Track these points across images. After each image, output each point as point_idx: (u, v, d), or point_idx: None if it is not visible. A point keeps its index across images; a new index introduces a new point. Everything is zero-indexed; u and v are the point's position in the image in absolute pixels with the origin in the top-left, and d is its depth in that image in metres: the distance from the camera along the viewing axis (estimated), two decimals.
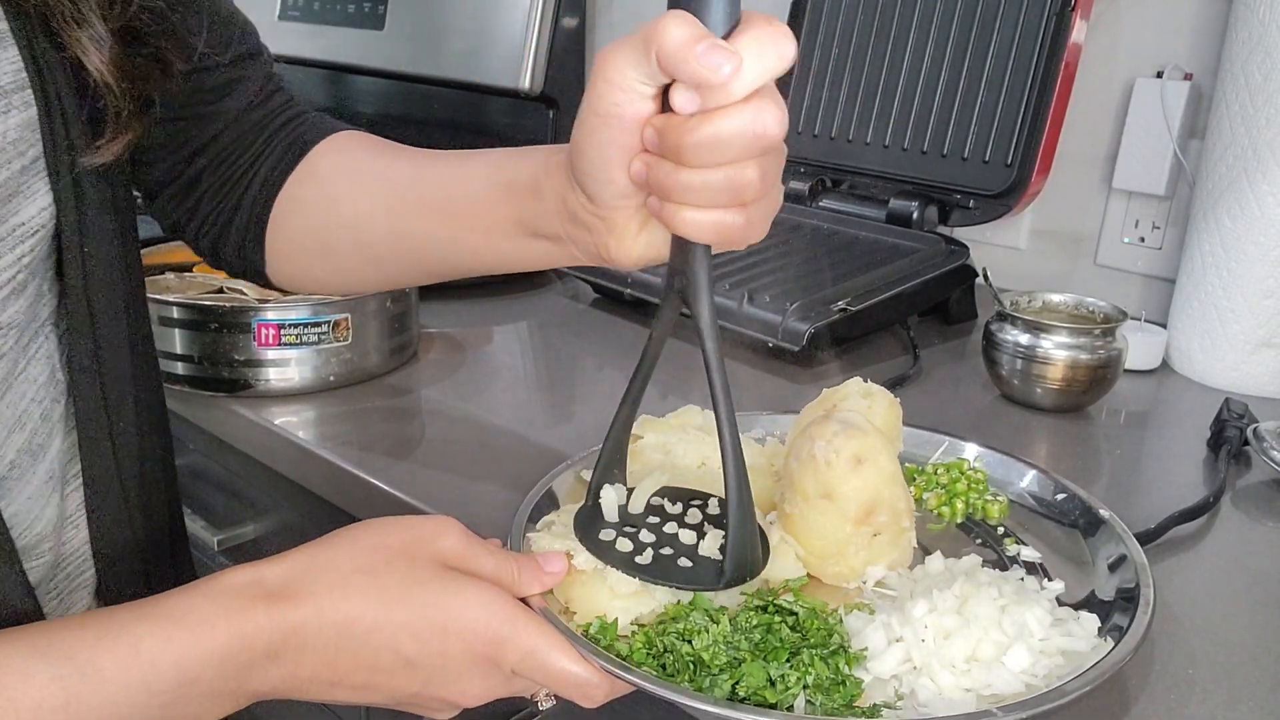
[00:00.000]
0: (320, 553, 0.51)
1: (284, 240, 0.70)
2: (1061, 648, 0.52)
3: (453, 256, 0.65)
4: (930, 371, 0.99)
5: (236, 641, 0.47)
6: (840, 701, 0.48)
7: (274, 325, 0.85)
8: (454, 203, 0.63)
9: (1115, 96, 1.15)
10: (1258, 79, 0.91)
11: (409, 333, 0.96)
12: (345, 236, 0.68)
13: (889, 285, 1.02)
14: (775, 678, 0.48)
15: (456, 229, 0.63)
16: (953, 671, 0.50)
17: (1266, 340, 0.94)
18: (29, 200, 0.54)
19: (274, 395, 0.87)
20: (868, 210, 1.18)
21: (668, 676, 0.49)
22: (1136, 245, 1.16)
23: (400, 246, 0.66)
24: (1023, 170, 1.07)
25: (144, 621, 0.46)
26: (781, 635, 0.51)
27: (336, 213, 0.68)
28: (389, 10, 1.65)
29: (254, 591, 0.48)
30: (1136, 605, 0.54)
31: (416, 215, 0.64)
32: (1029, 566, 0.61)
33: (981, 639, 0.51)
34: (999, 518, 0.66)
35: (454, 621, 0.49)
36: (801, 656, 0.49)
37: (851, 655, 0.50)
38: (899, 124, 1.17)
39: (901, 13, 1.17)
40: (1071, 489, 0.67)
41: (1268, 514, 0.75)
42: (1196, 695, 0.54)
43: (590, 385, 0.99)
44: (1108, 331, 0.87)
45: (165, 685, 0.46)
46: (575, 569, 0.54)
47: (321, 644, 0.48)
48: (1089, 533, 0.64)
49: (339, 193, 0.68)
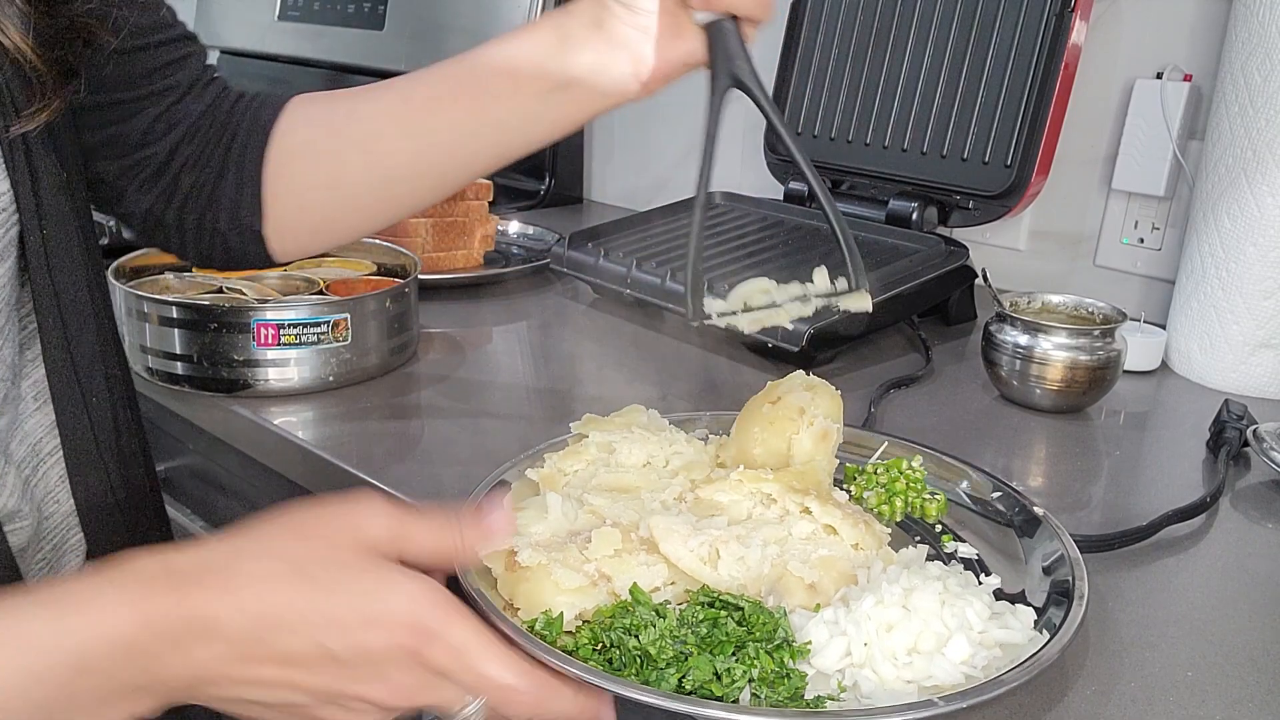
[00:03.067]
0: (240, 540, 0.47)
1: (285, 187, 0.70)
2: (999, 640, 0.53)
3: (473, 144, 0.66)
4: (929, 372, 0.99)
5: (138, 628, 0.43)
6: (785, 694, 0.49)
7: (273, 325, 0.85)
8: (472, 82, 0.65)
9: (1115, 97, 1.15)
10: (1257, 80, 0.91)
11: (409, 333, 0.96)
12: (354, 160, 0.68)
13: (889, 286, 1.02)
14: (721, 671, 0.49)
15: (477, 106, 0.65)
16: (894, 663, 0.51)
17: (1266, 341, 0.94)
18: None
19: (273, 395, 0.87)
20: (867, 211, 1.18)
21: (614, 671, 0.50)
22: (1136, 246, 1.16)
23: (414, 151, 0.67)
24: (1022, 171, 1.07)
25: (39, 607, 0.43)
26: (727, 630, 0.51)
27: (342, 138, 0.68)
28: (388, 10, 1.65)
29: (163, 578, 0.45)
30: (1071, 599, 0.56)
31: (431, 109, 0.66)
32: (966, 563, 0.63)
33: (923, 631, 0.52)
34: (937, 516, 0.68)
35: (381, 612, 0.45)
36: (747, 650, 0.50)
37: (795, 649, 0.51)
38: (899, 125, 1.17)
39: (901, 13, 1.17)
40: (1009, 487, 0.68)
41: (1267, 515, 0.75)
42: (1196, 697, 0.54)
43: (590, 385, 0.99)
44: (1107, 332, 0.88)
45: (58, 675, 0.42)
46: (520, 565, 0.54)
47: (235, 633, 0.44)
48: (1025, 530, 0.65)
49: (339, 123, 0.68)
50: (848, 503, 0.64)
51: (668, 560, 0.56)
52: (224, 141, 0.70)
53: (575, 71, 0.62)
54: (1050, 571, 0.60)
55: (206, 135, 0.70)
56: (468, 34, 1.54)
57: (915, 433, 0.84)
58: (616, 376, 0.99)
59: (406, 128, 0.67)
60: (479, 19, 1.52)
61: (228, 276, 0.97)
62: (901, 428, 0.85)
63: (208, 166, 0.70)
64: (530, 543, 0.56)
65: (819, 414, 0.67)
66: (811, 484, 0.63)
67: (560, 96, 0.64)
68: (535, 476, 0.66)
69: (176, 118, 0.69)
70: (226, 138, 0.70)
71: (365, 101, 0.68)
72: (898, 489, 0.68)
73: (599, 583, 0.54)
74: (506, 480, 0.67)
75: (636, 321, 1.11)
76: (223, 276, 0.98)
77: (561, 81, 0.63)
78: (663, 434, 0.69)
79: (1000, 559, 0.64)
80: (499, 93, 0.64)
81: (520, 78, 0.64)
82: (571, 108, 0.64)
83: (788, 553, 0.58)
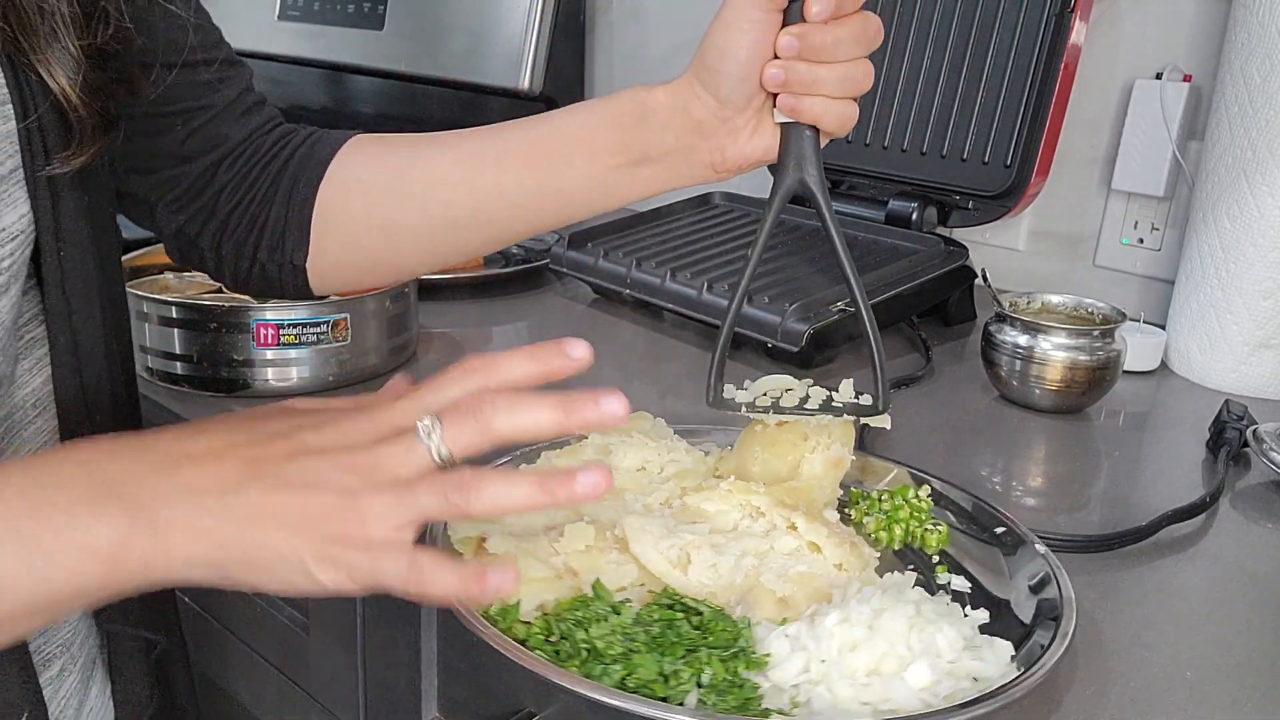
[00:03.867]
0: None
1: (337, 225, 0.69)
2: (971, 671, 0.51)
3: (532, 204, 0.66)
4: (929, 372, 0.99)
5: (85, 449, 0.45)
6: (733, 703, 0.48)
7: (273, 325, 0.85)
8: (547, 145, 0.65)
9: (1114, 98, 1.15)
10: (1257, 80, 0.91)
11: (408, 333, 0.96)
12: (409, 204, 0.67)
13: (888, 286, 1.02)
14: (668, 672, 0.48)
15: (542, 171, 0.65)
16: (852, 684, 0.49)
17: (1265, 341, 0.94)
18: (9, 207, 0.55)
19: (273, 395, 0.87)
20: (867, 211, 1.18)
21: (560, 662, 0.49)
22: (1135, 246, 1.16)
23: (473, 203, 0.66)
24: (1022, 171, 1.07)
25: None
26: (681, 631, 0.51)
27: (401, 179, 0.67)
28: (388, 10, 1.65)
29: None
30: (1055, 634, 0.53)
31: (501, 166, 0.66)
32: (956, 595, 0.60)
33: (887, 653, 0.50)
34: (937, 546, 0.65)
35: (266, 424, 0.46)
36: (699, 654, 0.49)
37: (752, 660, 0.50)
38: (898, 125, 1.17)
39: (901, 14, 1.17)
40: (1010, 522, 0.65)
41: (1267, 516, 0.75)
42: (1194, 697, 0.54)
43: (589, 385, 0.98)
44: (1107, 333, 0.88)
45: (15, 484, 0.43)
46: (487, 552, 0.54)
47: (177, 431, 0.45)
48: (1012, 552, 0.63)
49: (399, 160, 0.68)
50: (836, 523, 0.63)
51: (638, 561, 0.55)
52: (272, 170, 0.69)
53: (652, 151, 0.63)
54: (1037, 591, 0.59)
55: (251, 161, 0.69)
56: (468, 34, 1.54)
57: (915, 433, 0.84)
58: (616, 377, 0.99)
59: (473, 181, 0.66)
60: (479, 20, 1.53)
61: None
62: (900, 428, 0.85)
63: (252, 193, 0.69)
64: (502, 531, 0.56)
65: (835, 440, 0.66)
66: (803, 500, 0.62)
67: (633, 172, 0.64)
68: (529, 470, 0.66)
69: (214, 139, 0.68)
70: (275, 166, 0.69)
71: (432, 149, 0.68)
72: (899, 516, 0.66)
73: (564, 576, 0.54)
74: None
75: (636, 322, 1.11)
76: None
77: (637, 158, 0.63)
78: (662, 441, 0.69)
79: (993, 593, 0.61)
80: (572, 160, 0.64)
81: (596, 149, 0.63)
82: (642, 185, 0.64)
83: (765, 565, 0.57)
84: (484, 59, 1.51)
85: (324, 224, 0.69)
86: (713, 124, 0.61)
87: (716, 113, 0.61)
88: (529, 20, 1.46)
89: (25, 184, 0.56)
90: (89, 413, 0.63)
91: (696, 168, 0.63)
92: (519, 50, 1.46)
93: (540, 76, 1.47)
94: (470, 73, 1.53)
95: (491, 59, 1.50)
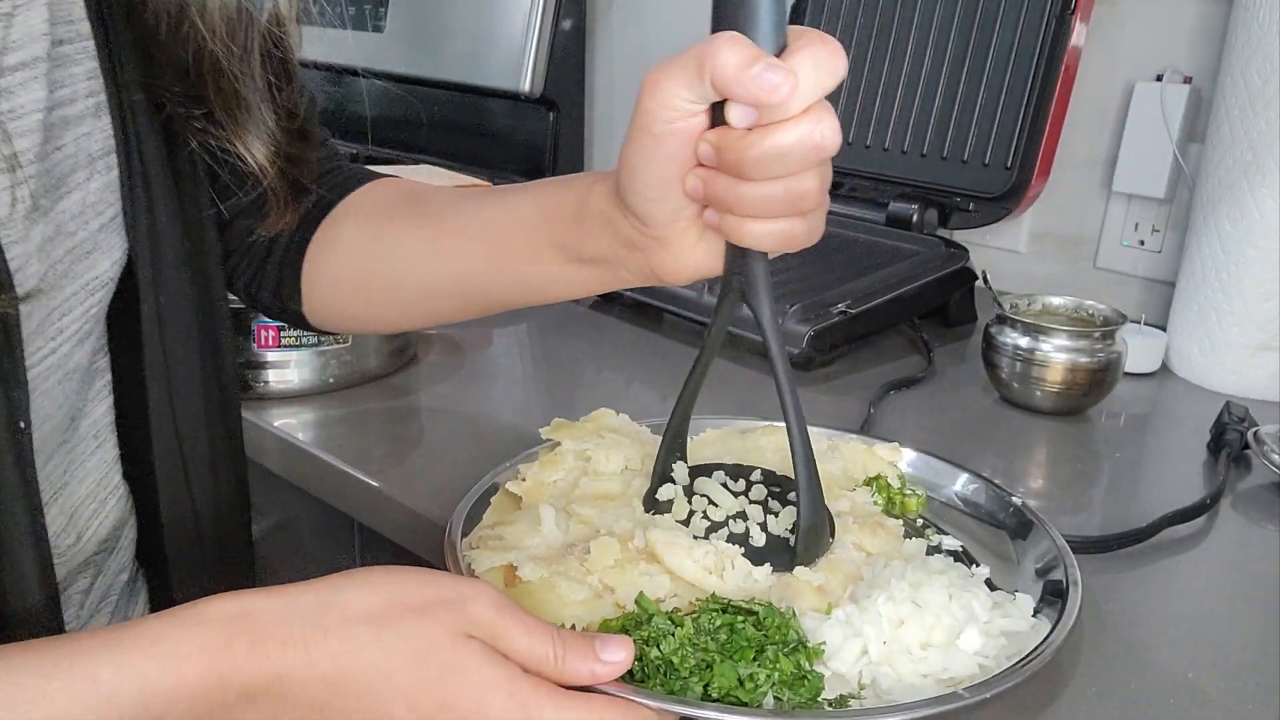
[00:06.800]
0: (326, 593, 0.45)
1: (322, 279, 0.69)
2: (1003, 628, 0.53)
3: (495, 287, 0.64)
4: (930, 374, 0.98)
5: (210, 679, 0.42)
6: (805, 696, 0.48)
7: (273, 327, 0.85)
8: (495, 230, 0.62)
9: (1115, 100, 1.15)
10: (1257, 82, 0.91)
11: (408, 335, 0.96)
12: (383, 271, 0.66)
13: (889, 288, 1.02)
14: (744, 677, 0.48)
15: (499, 258, 0.62)
16: (910, 658, 0.51)
17: (1266, 343, 0.94)
18: (105, 255, 0.56)
19: (273, 397, 0.87)
20: (868, 213, 1.18)
21: (638, 683, 0.48)
22: (1136, 248, 1.16)
23: (441, 279, 0.65)
24: (1022, 173, 1.07)
25: (107, 649, 0.41)
26: (746, 635, 0.50)
27: (376, 247, 0.67)
28: (389, 13, 1.65)
29: (239, 626, 0.43)
30: (1067, 588, 0.56)
31: (457, 245, 0.63)
32: (954, 554, 0.63)
33: (935, 625, 0.52)
34: (917, 511, 0.68)
35: (458, 700, 0.43)
36: (767, 654, 0.49)
37: (811, 650, 0.50)
38: (899, 127, 1.17)
39: (901, 15, 1.17)
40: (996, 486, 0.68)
41: (1268, 517, 0.75)
42: (1196, 698, 0.54)
43: (590, 388, 0.99)
44: (1107, 334, 0.87)
45: (120, 714, 0.40)
46: (521, 580, 0.53)
47: (307, 698, 0.43)
48: (1010, 525, 0.66)
49: (378, 229, 0.67)
50: (863, 504, 0.65)
51: (669, 571, 0.55)
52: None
53: (585, 255, 0.58)
54: (1039, 561, 0.61)
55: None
56: (468, 37, 1.54)
57: (915, 435, 0.84)
58: (616, 379, 0.99)
59: (436, 251, 0.65)
60: (480, 22, 1.53)
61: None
62: (901, 430, 0.85)
63: (260, 242, 0.69)
64: (528, 556, 0.55)
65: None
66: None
67: (578, 270, 0.59)
68: (517, 490, 0.65)
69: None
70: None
71: (409, 219, 0.66)
72: (882, 484, 0.68)
73: (603, 595, 0.54)
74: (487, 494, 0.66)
75: (637, 324, 1.11)
76: None
77: (576, 259, 0.58)
78: (635, 437, 0.69)
79: (982, 550, 0.64)
80: (519, 251, 0.61)
81: (537, 245, 0.59)
82: (594, 283, 0.60)
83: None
84: (485, 61, 1.51)
85: (310, 275, 0.69)
86: (641, 240, 0.53)
87: (642, 231, 0.53)
88: (529, 23, 1.46)
89: (125, 231, 0.57)
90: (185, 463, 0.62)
91: (640, 276, 0.56)
92: (520, 53, 1.46)
93: (541, 79, 1.47)
94: (471, 75, 1.53)
95: (492, 61, 1.50)
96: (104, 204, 0.55)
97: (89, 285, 0.55)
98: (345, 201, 0.69)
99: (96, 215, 0.55)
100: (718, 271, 0.54)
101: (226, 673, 0.42)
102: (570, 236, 0.58)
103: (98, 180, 0.54)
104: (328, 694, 0.43)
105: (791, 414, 0.54)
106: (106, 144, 0.55)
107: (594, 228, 0.56)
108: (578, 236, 0.57)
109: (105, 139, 0.55)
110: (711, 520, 0.59)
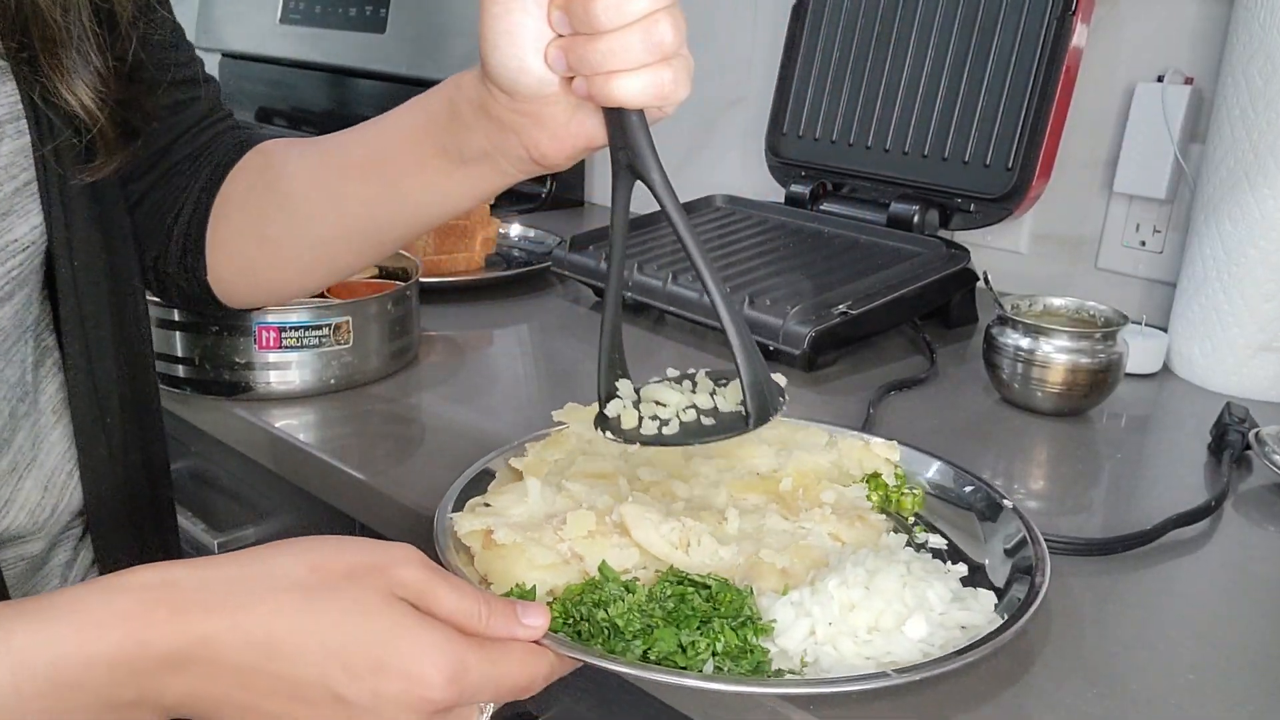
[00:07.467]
0: (253, 563, 0.45)
1: (223, 241, 0.70)
2: (960, 621, 0.54)
3: (386, 216, 0.64)
4: (932, 375, 0.98)
5: (129, 645, 0.41)
6: (747, 668, 0.50)
7: (274, 328, 0.85)
8: (379, 153, 0.63)
9: (1116, 100, 1.15)
10: (1258, 83, 0.91)
11: (410, 336, 0.96)
12: (280, 221, 0.67)
13: (890, 289, 1.02)
14: (685, 644, 0.51)
15: (387, 179, 0.63)
16: (854, 641, 0.52)
17: (1267, 344, 0.94)
18: (21, 219, 0.57)
19: (274, 398, 0.87)
20: (869, 214, 1.18)
21: (583, 642, 0.51)
22: (1137, 249, 1.16)
23: (337, 217, 0.66)
24: (1023, 174, 1.07)
25: (23, 617, 0.41)
26: (694, 605, 0.53)
27: (269, 198, 0.68)
28: (390, 13, 1.65)
29: (161, 594, 0.43)
30: (1032, 583, 0.57)
31: (346, 176, 0.64)
32: (936, 553, 0.64)
33: (884, 610, 0.53)
34: (912, 509, 0.69)
35: (395, 660, 0.43)
36: (712, 625, 0.51)
37: (759, 626, 0.52)
38: (900, 128, 1.17)
39: (902, 16, 1.17)
40: (982, 481, 0.69)
41: (1269, 518, 0.75)
42: (1197, 699, 0.54)
43: (590, 388, 0.98)
44: (1108, 335, 0.87)
45: (39, 688, 0.41)
46: (496, 543, 0.56)
47: (237, 661, 0.42)
48: (988, 516, 0.66)
49: (271, 181, 0.68)
50: (852, 499, 0.66)
51: (639, 545, 0.57)
52: (185, 189, 0.70)
53: (468, 153, 0.58)
54: (1012, 554, 0.62)
55: (173, 180, 0.70)
56: (469, 37, 1.54)
57: (916, 435, 0.83)
58: None
59: (326, 191, 0.65)
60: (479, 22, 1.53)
61: None
62: (902, 430, 0.85)
63: (166, 213, 0.70)
64: (507, 523, 0.58)
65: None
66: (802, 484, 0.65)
67: (464, 172, 0.60)
68: (519, 465, 0.68)
69: (156, 158, 0.69)
70: (189, 185, 0.70)
71: (297, 157, 0.67)
72: (879, 483, 0.69)
73: (571, 561, 0.56)
74: (491, 470, 0.68)
75: (637, 324, 1.11)
76: None
77: (459, 160, 0.59)
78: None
79: (968, 549, 0.65)
80: (404, 168, 0.61)
81: (422, 155, 0.60)
82: (480, 183, 0.60)
83: (763, 542, 0.59)
84: None
85: (213, 236, 0.69)
86: (515, 120, 0.54)
87: (513, 107, 0.53)
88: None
89: (39, 196, 0.58)
90: (103, 418, 0.64)
91: (520, 164, 0.57)
92: None
93: None
94: None
95: None
96: (16, 167, 0.56)
97: (8, 248, 0.57)
98: (243, 160, 0.70)
99: (11, 179, 0.56)
100: (595, 147, 0.55)
101: (147, 638, 0.41)
102: (449, 137, 0.58)
103: (8, 145, 0.56)
104: (258, 657, 0.42)
105: (707, 276, 0.52)
106: (14, 110, 0.56)
107: (469, 117, 0.56)
108: (456, 133, 0.58)
109: (13, 105, 0.56)
110: (661, 419, 0.58)
